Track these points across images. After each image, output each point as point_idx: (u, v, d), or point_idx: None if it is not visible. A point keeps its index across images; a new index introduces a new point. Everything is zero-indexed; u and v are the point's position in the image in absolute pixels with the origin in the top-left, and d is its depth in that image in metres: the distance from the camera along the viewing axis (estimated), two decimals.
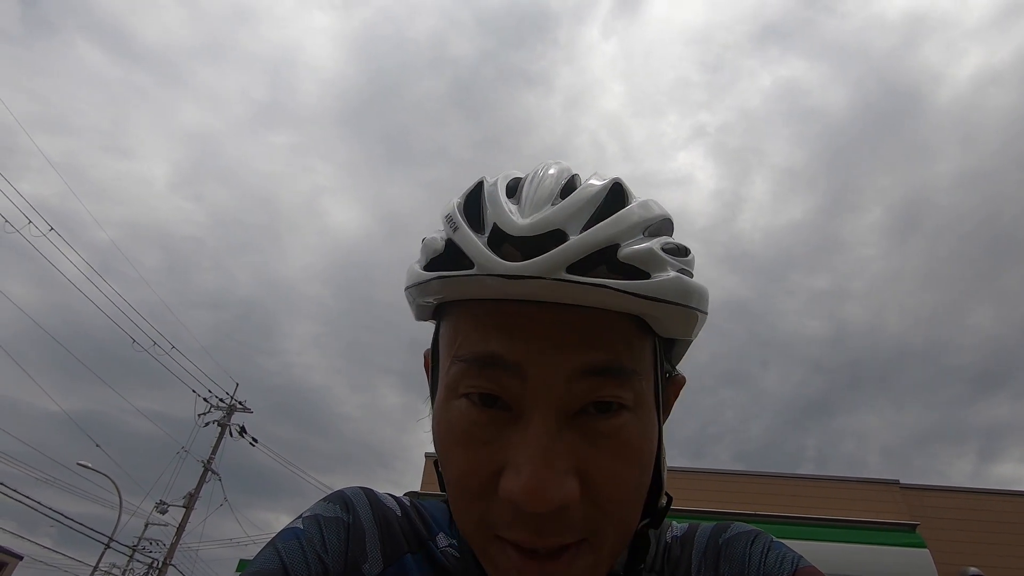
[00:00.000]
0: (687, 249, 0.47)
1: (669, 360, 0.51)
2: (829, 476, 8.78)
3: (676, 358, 0.54)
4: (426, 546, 0.53)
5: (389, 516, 0.54)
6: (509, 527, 0.41)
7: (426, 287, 0.45)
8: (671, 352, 0.52)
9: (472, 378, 0.43)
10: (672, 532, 0.57)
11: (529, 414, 0.41)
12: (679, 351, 0.53)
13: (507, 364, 0.41)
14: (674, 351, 0.52)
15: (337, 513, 0.51)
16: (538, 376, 0.41)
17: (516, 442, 0.40)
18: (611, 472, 0.41)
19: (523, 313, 0.42)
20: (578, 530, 0.41)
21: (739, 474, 8.99)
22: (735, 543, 0.53)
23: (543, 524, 0.40)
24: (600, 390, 0.41)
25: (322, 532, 0.49)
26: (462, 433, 0.43)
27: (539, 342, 0.41)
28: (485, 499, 0.42)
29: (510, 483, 0.39)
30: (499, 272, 0.40)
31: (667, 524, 0.58)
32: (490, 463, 0.41)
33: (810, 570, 0.49)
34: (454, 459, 0.44)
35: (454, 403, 0.44)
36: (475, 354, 0.42)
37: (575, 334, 0.41)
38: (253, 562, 0.47)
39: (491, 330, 0.42)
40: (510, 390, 0.41)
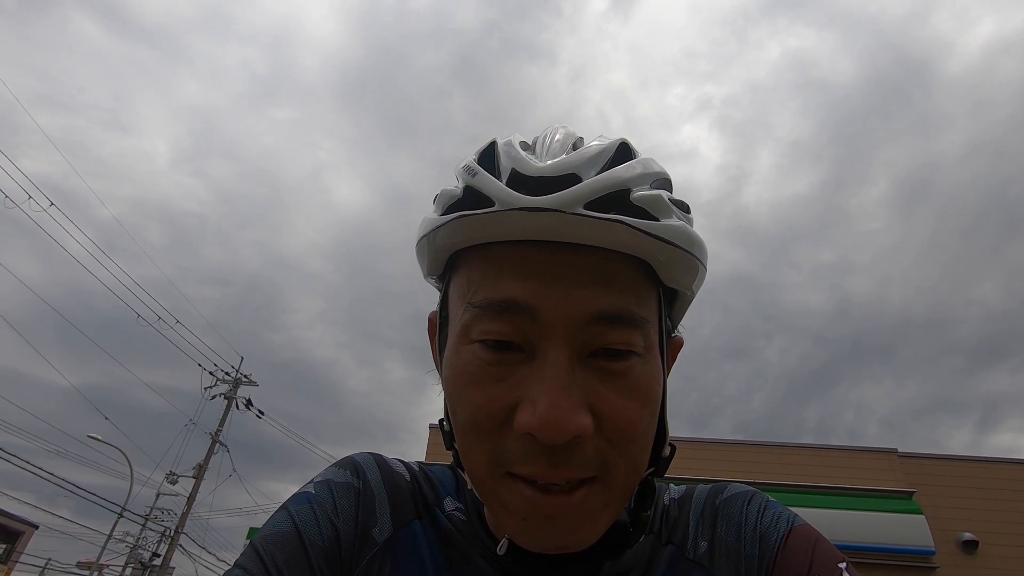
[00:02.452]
0: (688, 206, 0.50)
1: (670, 316, 0.52)
2: (829, 445, 8.88)
3: (677, 316, 0.54)
4: (432, 511, 0.54)
5: (399, 481, 0.55)
6: (523, 462, 0.41)
7: (444, 230, 0.46)
8: (672, 308, 0.52)
9: (487, 322, 0.43)
10: (670, 494, 0.58)
11: (544, 352, 0.42)
12: (680, 308, 0.54)
13: (522, 307, 0.42)
14: (675, 307, 0.53)
15: (348, 478, 0.53)
16: (553, 317, 0.41)
17: (531, 378, 0.41)
18: (622, 409, 0.42)
19: (538, 257, 0.43)
20: (591, 465, 0.42)
21: (740, 443, 9.10)
22: (732, 503, 0.54)
23: (557, 456, 0.40)
24: (612, 336, 0.42)
25: (333, 496, 0.51)
26: (475, 373, 0.43)
27: (554, 285, 0.42)
28: (498, 436, 0.42)
29: (526, 415, 0.40)
30: (520, 205, 0.41)
31: (665, 487, 0.59)
32: (504, 399, 0.42)
33: (804, 528, 0.50)
34: (466, 399, 0.44)
35: (466, 348, 0.44)
36: (490, 299, 0.43)
37: (589, 278, 0.42)
38: (267, 524, 0.48)
39: (506, 275, 0.43)
40: (524, 332, 0.42)
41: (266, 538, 0.46)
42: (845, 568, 0.45)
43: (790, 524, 0.50)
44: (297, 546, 0.46)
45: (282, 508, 0.50)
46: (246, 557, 0.45)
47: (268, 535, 0.47)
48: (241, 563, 0.44)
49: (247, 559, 0.44)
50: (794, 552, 0.48)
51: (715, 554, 0.51)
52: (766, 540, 0.50)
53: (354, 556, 0.49)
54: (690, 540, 0.53)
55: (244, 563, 0.44)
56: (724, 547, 0.51)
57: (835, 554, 0.47)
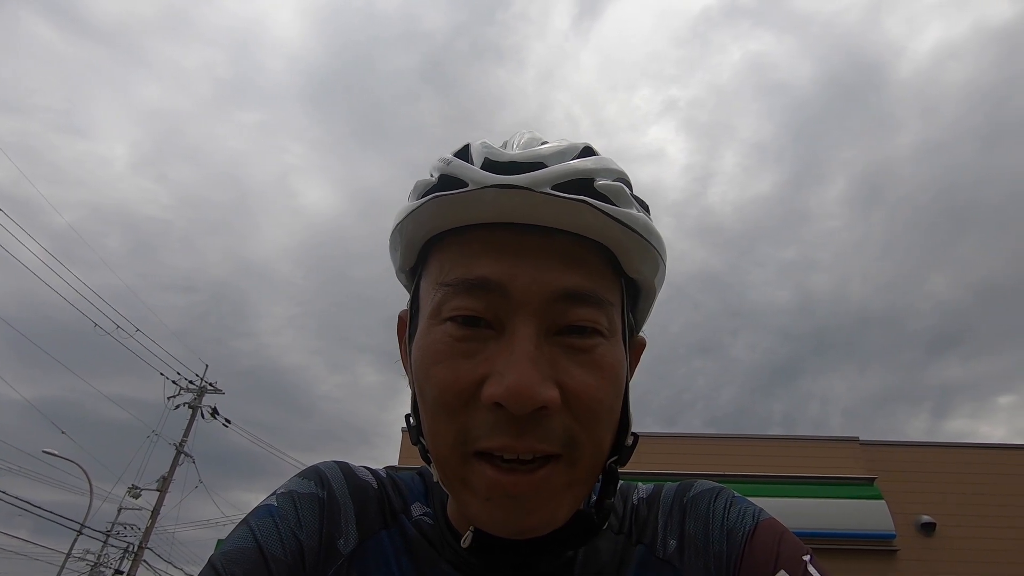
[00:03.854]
0: (647, 205, 0.52)
1: (634, 312, 0.53)
2: (793, 436, 9.13)
3: (641, 314, 0.55)
4: (399, 519, 0.53)
5: (365, 490, 0.54)
6: (489, 435, 0.42)
7: (418, 213, 0.47)
8: (636, 304, 0.54)
9: (458, 299, 0.44)
10: (638, 494, 0.59)
11: (513, 328, 0.43)
12: (644, 307, 0.55)
13: (493, 284, 0.43)
14: (639, 304, 0.54)
15: (312, 489, 0.52)
16: (522, 293, 0.43)
17: (500, 353, 0.42)
18: (588, 385, 0.44)
19: (508, 239, 0.45)
20: (557, 440, 0.43)
21: (709, 437, 9.28)
22: (699, 501, 0.55)
23: (524, 428, 0.41)
24: (578, 313, 0.44)
25: (297, 509, 0.49)
26: (443, 351, 0.44)
27: (524, 263, 0.44)
28: (465, 412, 0.43)
29: (494, 386, 0.41)
30: (492, 183, 0.43)
31: (633, 486, 0.60)
32: (472, 374, 0.43)
33: (770, 522, 0.52)
34: (434, 376, 0.44)
35: (437, 327, 0.45)
36: (461, 278, 0.44)
37: (557, 259, 0.45)
38: (226, 540, 0.47)
39: (478, 255, 0.45)
40: (495, 309, 0.44)
41: (226, 555, 0.45)
42: (809, 560, 0.47)
43: (756, 519, 0.51)
44: (259, 562, 0.44)
45: (243, 523, 0.48)
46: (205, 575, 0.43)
47: (228, 552, 0.45)
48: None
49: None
50: (761, 546, 0.49)
51: (684, 552, 0.52)
52: (733, 535, 0.51)
53: (319, 570, 0.47)
54: (659, 539, 0.53)
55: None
56: (693, 544, 0.52)
57: (800, 546, 0.48)
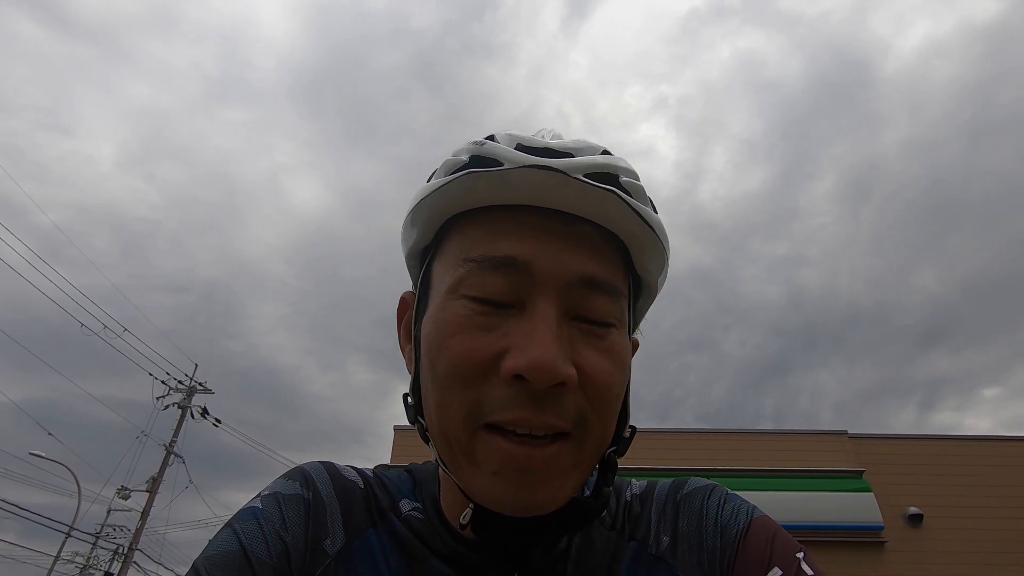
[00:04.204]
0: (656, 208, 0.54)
1: (633, 312, 0.54)
2: (783, 430, 9.20)
3: (639, 313, 0.56)
4: (387, 516, 0.53)
5: (351, 489, 0.53)
6: (505, 407, 0.42)
7: (448, 189, 0.47)
8: (636, 305, 0.54)
9: (482, 276, 0.45)
10: (632, 490, 0.59)
11: (534, 305, 0.44)
12: (643, 306, 0.56)
13: (519, 263, 0.44)
14: (638, 305, 0.55)
15: (297, 490, 0.51)
16: (546, 273, 0.44)
17: (521, 328, 0.43)
18: (601, 368, 0.45)
19: (535, 222, 0.46)
20: (570, 418, 0.43)
21: (701, 432, 9.34)
22: (692, 498, 0.55)
23: (541, 402, 0.42)
24: (595, 301, 0.45)
25: (282, 510, 0.48)
26: (462, 323, 0.44)
27: (549, 246, 0.45)
28: (480, 384, 0.43)
29: (515, 359, 0.41)
30: (530, 163, 0.44)
31: (627, 482, 0.60)
32: (491, 347, 0.43)
33: (764, 520, 0.52)
34: (450, 348, 0.44)
35: (455, 302, 0.45)
36: (487, 255, 0.45)
37: (580, 245, 0.46)
38: (210, 544, 0.46)
39: (505, 235, 0.46)
40: (518, 288, 0.44)
41: (210, 559, 0.44)
42: (803, 558, 0.47)
43: (750, 516, 0.52)
44: (243, 565, 0.43)
45: (227, 526, 0.47)
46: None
47: (212, 556, 0.44)
48: None
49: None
50: (754, 544, 0.49)
51: (677, 548, 0.52)
52: (727, 533, 0.51)
53: (305, 571, 0.47)
54: (652, 535, 0.53)
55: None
56: (686, 541, 0.52)
57: (793, 544, 0.49)
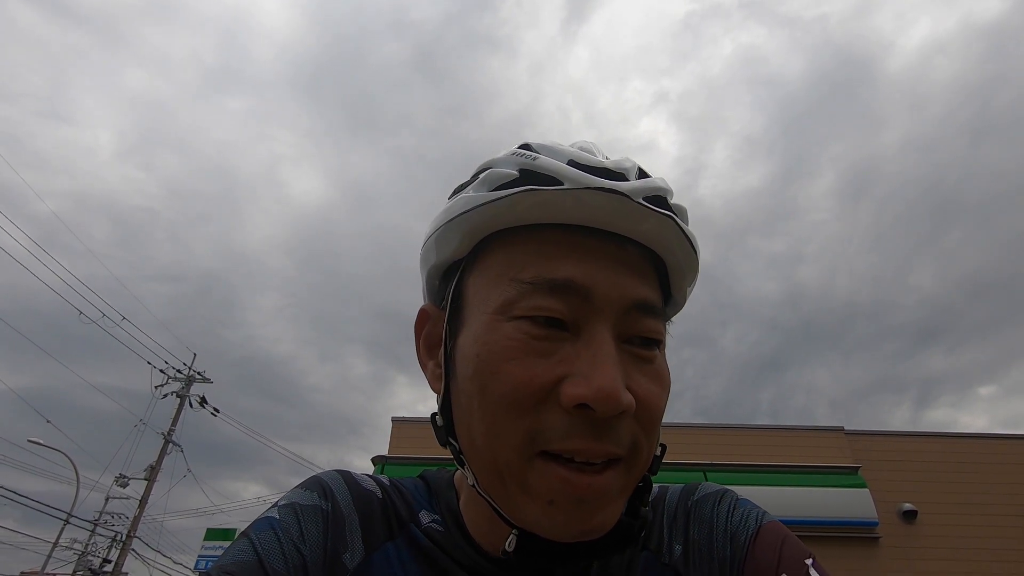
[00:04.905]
0: None
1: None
2: (779, 425, 9.22)
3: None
4: (407, 527, 0.52)
5: (369, 500, 0.52)
6: (565, 437, 0.41)
7: (501, 205, 0.46)
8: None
9: (537, 299, 0.44)
10: None
11: (591, 331, 0.43)
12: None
13: (577, 287, 0.43)
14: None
15: (315, 500, 0.50)
16: (604, 298, 0.44)
17: (579, 355, 0.42)
18: (651, 393, 0.44)
19: (590, 244, 0.45)
20: (625, 444, 0.43)
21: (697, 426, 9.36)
22: (703, 504, 0.55)
23: (600, 431, 0.41)
24: (646, 324, 0.45)
25: (299, 521, 0.47)
26: (518, 347, 0.43)
27: (606, 270, 0.45)
28: (536, 412, 0.42)
29: (579, 387, 0.40)
30: (596, 186, 0.44)
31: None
32: (549, 374, 0.42)
33: (773, 525, 0.51)
34: (505, 374, 0.43)
35: (507, 324, 0.44)
36: (544, 277, 0.44)
37: (632, 269, 0.46)
38: (226, 553, 0.45)
39: (559, 256, 0.45)
40: (574, 311, 0.43)
41: (225, 568, 0.43)
42: (812, 564, 0.47)
43: (759, 522, 0.51)
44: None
45: (243, 535, 0.46)
46: None
47: (227, 565, 0.43)
48: None
49: None
50: (763, 550, 0.49)
51: (689, 558, 0.51)
52: (736, 539, 0.50)
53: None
54: (665, 544, 0.53)
55: None
56: (697, 550, 0.52)
57: (802, 550, 0.48)
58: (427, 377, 0.54)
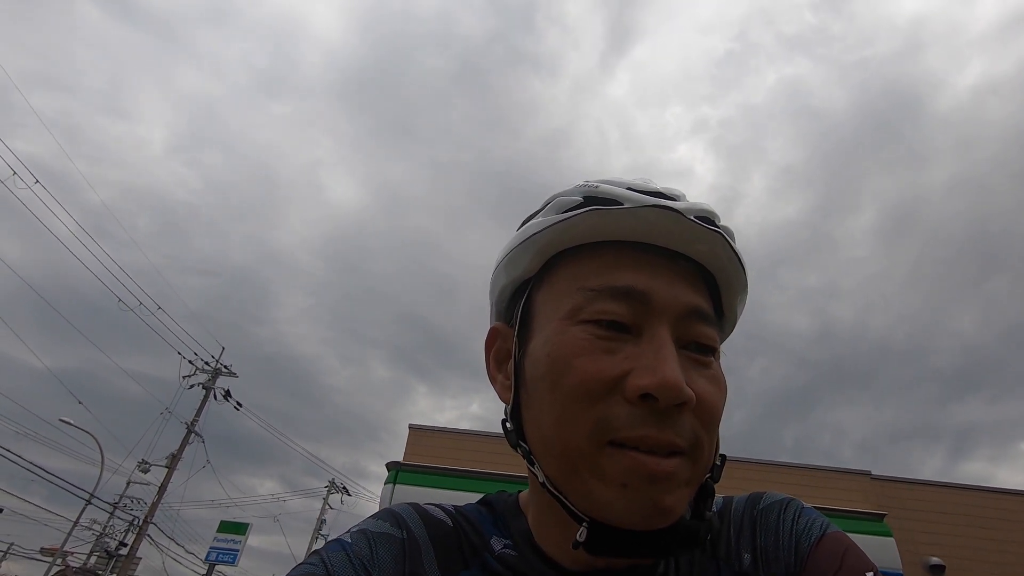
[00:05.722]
0: None
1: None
2: (804, 464, 8.97)
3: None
4: (482, 556, 0.52)
5: (441, 528, 0.53)
6: (631, 425, 0.43)
7: (571, 224, 0.50)
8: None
9: (602, 303, 0.47)
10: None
11: (652, 331, 0.46)
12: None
13: (638, 292, 0.47)
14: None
15: (387, 529, 0.51)
16: (662, 302, 0.47)
17: (642, 352, 0.45)
18: (710, 393, 0.47)
19: (647, 258, 0.49)
20: (687, 437, 0.44)
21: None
22: (769, 512, 0.55)
23: (664, 420, 0.43)
24: (702, 331, 0.48)
25: (371, 546, 0.49)
26: (585, 346, 0.46)
27: (661, 279, 0.48)
28: (605, 403, 0.44)
29: (643, 378, 0.43)
30: (652, 204, 0.48)
31: None
32: (615, 368, 0.45)
33: (837, 534, 0.52)
34: (576, 368, 0.45)
35: (575, 327, 0.47)
36: (607, 285, 0.48)
37: (687, 280, 0.50)
38: (295, 568, 0.46)
39: (620, 267, 0.49)
40: (635, 315, 0.47)
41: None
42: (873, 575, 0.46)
43: (823, 530, 0.52)
44: None
45: (314, 553, 0.48)
46: None
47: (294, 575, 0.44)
48: None
49: None
50: (824, 556, 0.49)
51: (759, 565, 0.52)
52: (800, 545, 0.51)
53: None
54: (734, 553, 0.53)
55: None
56: (765, 557, 0.52)
57: (865, 562, 0.48)
58: (497, 390, 0.57)
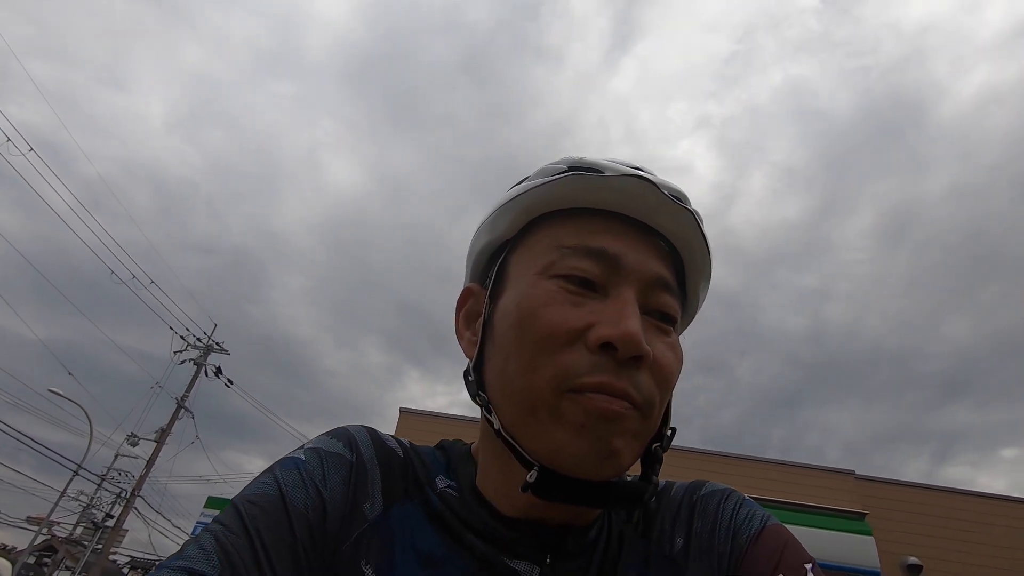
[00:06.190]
0: None
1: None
2: (790, 462, 9.06)
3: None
4: (424, 489, 0.54)
5: (391, 457, 0.55)
6: (591, 372, 0.45)
7: (554, 186, 0.52)
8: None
9: (575, 260, 0.49)
10: None
11: (619, 291, 0.48)
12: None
13: (609, 255, 0.49)
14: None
15: (340, 449, 0.52)
16: (631, 267, 0.49)
17: (607, 308, 0.47)
18: (666, 357, 0.49)
19: (620, 226, 0.51)
20: (642, 392, 0.46)
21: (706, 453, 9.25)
22: (709, 499, 0.56)
23: (622, 371, 0.45)
24: (666, 301, 0.51)
25: (323, 466, 0.49)
26: (554, 297, 0.48)
27: (633, 246, 0.51)
28: (568, 351, 0.46)
29: (606, 329, 0.45)
30: (631, 173, 0.50)
31: None
32: (580, 320, 0.47)
33: (777, 527, 0.52)
34: (542, 317, 0.47)
35: (546, 281, 0.50)
36: (582, 244, 0.50)
37: (656, 251, 0.52)
38: (250, 485, 0.47)
39: (596, 231, 0.51)
40: (605, 275, 0.49)
41: (248, 499, 0.45)
42: (811, 569, 0.47)
43: (763, 522, 0.52)
44: (280, 510, 0.44)
45: (267, 471, 0.48)
46: (227, 514, 0.44)
47: (251, 496, 0.45)
48: (221, 519, 0.44)
49: (228, 516, 0.44)
50: (764, 549, 0.50)
51: (690, 551, 0.52)
52: (738, 536, 0.51)
53: (342, 530, 0.48)
54: (667, 536, 0.54)
55: (224, 520, 0.43)
56: (698, 544, 0.52)
57: (803, 554, 0.49)
58: (462, 346, 0.58)
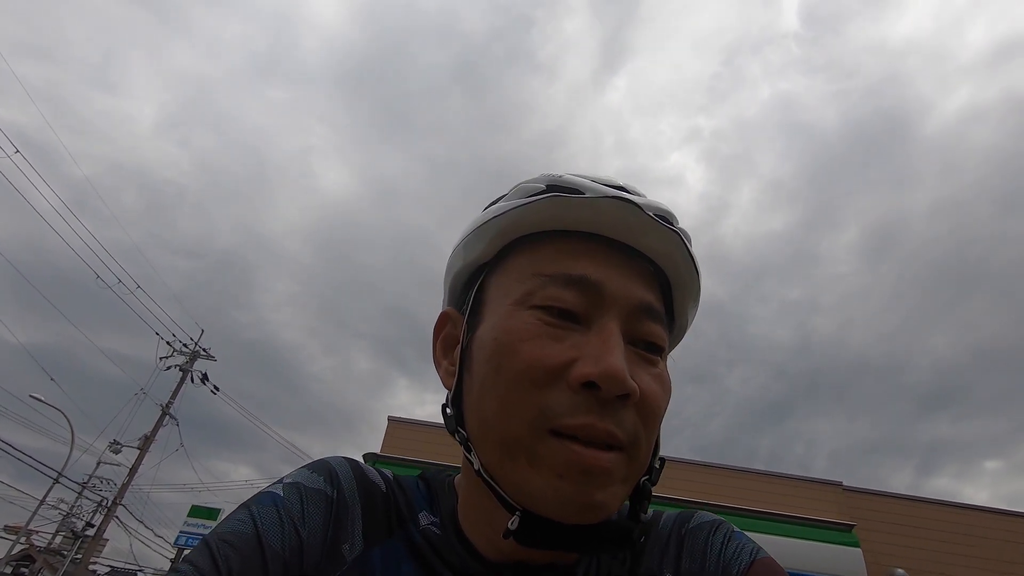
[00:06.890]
0: None
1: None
2: (777, 473, 9.08)
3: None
4: (407, 526, 0.51)
5: (374, 493, 0.52)
6: (572, 413, 0.43)
7: (531, 209, 0.50)
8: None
9: (554, 290, 0.47)
10: None
11: (601, 323, 0.46)
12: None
13: (591, 283, 0.47)
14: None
15: (320, 485, 0.50)
16: (613, 294, 0.47)
17: (589, 342, 0.45)
18: (654, 390, 0.46)
19: (605, 250, 0.49)
20: (627, 431, 0.44)
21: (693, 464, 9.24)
22: (697, 533, 0.54)
23: (605, 411, 0.43)
24: (651, 329, 0.48)
25: (303, 502, 0.47)
26: (533, 331, 0.46)
27: (617, 272, 0.48)
28: (548, 390, 0.44)
29: (588, 367, 0.43)
30: (612, 195, 0.48)
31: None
32: (561, 355, 0.44)
33: (767, 561, 0.50)
34: (521, 352, 0.45)
35: (525, 312, 0.47)
36: (561, 272, 0.47)
37: (641, 276, 0.49)
38: (224, 521, 0.45)
39: (575, 256, 0.48)
40: (586, 305, 0.46)
41: (222, 537, 0.43)
42: None
43: (753, 556, 0.51)
44: (255, 550, 0.42)
45: (243, 506, 0.46)
46: (198, 554, 0.42)
47: (224, 533, 0.43)
48: (191, 559, 0.41)
49: (199, 556, 0.41)
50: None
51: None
52: (728, 571, 0.50)
53: (319, 572, 0.45)
54: (655, 571, 0.52)
55: (194, 560, 0.41)
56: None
57: None
58: (440, 375, 0.55)
